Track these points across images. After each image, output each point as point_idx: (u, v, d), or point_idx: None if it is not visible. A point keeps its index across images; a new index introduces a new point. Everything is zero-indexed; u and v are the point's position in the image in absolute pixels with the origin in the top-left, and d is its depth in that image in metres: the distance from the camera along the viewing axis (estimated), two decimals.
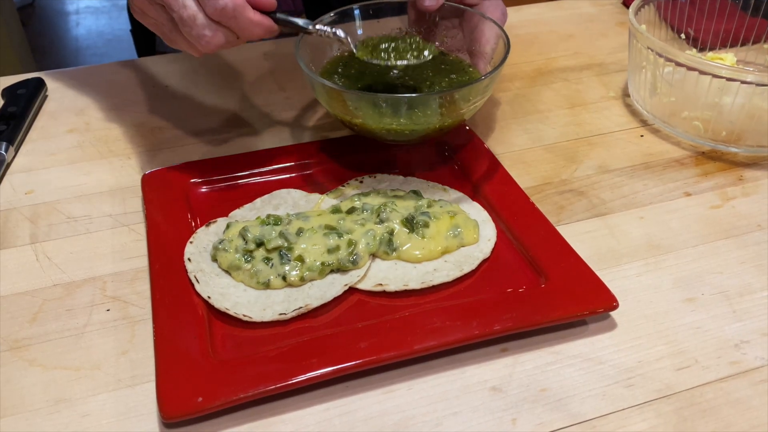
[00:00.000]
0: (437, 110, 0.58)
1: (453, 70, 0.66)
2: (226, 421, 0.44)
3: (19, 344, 0.49)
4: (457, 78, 0.65)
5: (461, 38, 0.68)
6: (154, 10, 0.54)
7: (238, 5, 0.51)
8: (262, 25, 0.54)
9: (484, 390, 0.46)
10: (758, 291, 0.53)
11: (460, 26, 0.68)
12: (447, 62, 0.67)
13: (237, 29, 0.53)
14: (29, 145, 0.70)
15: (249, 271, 0.52)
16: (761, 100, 0.64)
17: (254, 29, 0.53)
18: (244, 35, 0.54)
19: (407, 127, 0.58)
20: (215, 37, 0.53)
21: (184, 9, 0.51)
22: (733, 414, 0.44)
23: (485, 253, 0.55)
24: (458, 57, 0.68)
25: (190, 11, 0.51)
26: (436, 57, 0.63)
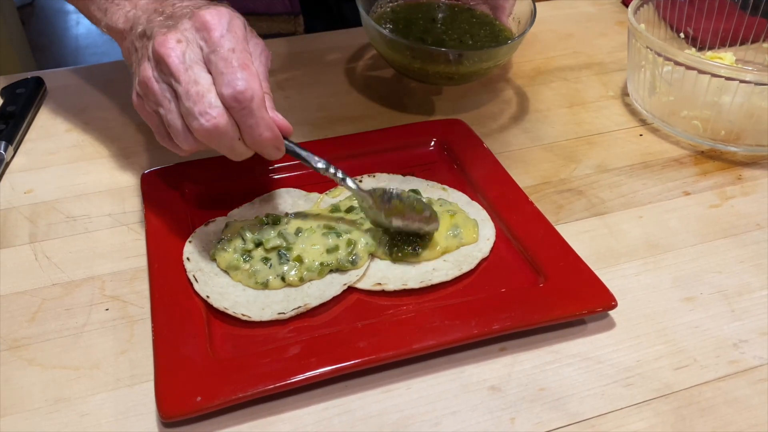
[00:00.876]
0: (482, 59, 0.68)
1: (484, 23, 0.75)
2: (225, 421, 0.44)
3: (18, 343, 0.49)
4: (490, 30, 0.74)
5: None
6: (159, 90, 0.48)
7: (258, 97, 0.46)
8: (273, 131, 0.48)
9: (482, 389, 0.46)
10: (757, 290, 0.53)
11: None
12: (476, 16, 0.76)
13: (247, 124, 0.47)
14: (28, 144, 0.70)
15: (247, 271, 0.52)
16: (760, 99, 0.64)
17: (265, 132, 0.48)
18: (251, 134, 0.48)
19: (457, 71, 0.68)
20: (219, 119, 0.46)
21: (194, 84, 0.46)
22: (732, 413, 0.44)
23: (484, 253, 0.55)
24: (483, 11, 0.76)
25: (201, 88, 0.46)
26: (465, 11, 0.76)
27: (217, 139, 0.48)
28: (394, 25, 0.74)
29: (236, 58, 0.47)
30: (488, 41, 0.73)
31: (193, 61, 0.47)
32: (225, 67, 0.46)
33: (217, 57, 0.47)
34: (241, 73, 0.46)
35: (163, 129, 0.51)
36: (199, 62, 0.47)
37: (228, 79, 0.46)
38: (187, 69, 0.47)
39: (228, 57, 0.47)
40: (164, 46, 0.47)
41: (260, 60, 0.51)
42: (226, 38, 0.47)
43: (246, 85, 0.46)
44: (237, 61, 0.47)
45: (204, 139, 0.48)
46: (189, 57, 0.47)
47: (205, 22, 0.47)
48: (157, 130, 0.52)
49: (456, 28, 0.74)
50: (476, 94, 0.78)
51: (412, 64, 0.69)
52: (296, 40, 0.89)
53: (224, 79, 0.46)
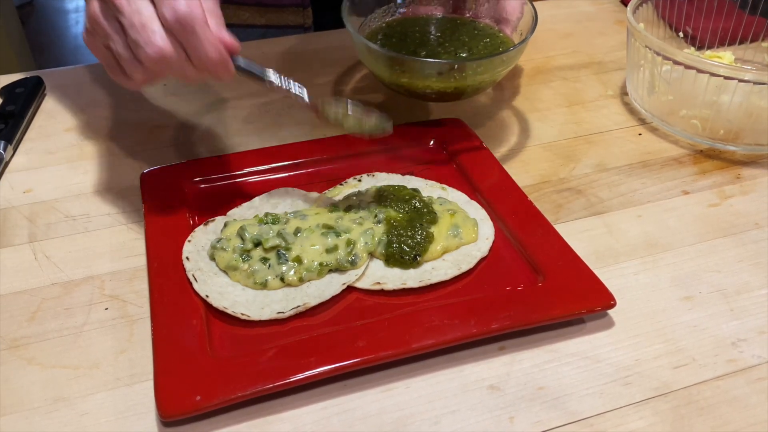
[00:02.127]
0: (476, 72, 0.64)
1: (485, 35, 0.71)
2: (224, 420, 0.44)
3: (18, 343, 0.49)
4: (491, 42, 0.70)
5: (488, 7, 0.73)
6: (107, 23, 0.49)
7: (199, 16, 0.47)
8: (219, 50, 0.49)
9: (482, 388, 0.46)
10: (756, 289, 0.53)
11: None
12: (478, 28, 0.72)
13: (191, 45, 0.48)
14: (28, 143, 0.70)
15: (246, 271, 0.52)
16: (759, 98, 0.64)
17: (210, 51, 0.48)
18: (197, 55, 0.48)
19: (450, 85, 0.64)
20: (164, 46, 0.47)
21: (137, 14, 0.47)
22: (731, 412, 0.44)
23: (483, 252, 0.55)
24: (488, 24, 0.73)
25: (144, 17, 0.47)
26: (467, 24, 0.73)
27: (165, 65, 0.49)
28: (386, 39, 0.70)
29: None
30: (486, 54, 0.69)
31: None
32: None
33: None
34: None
35: (114, 62, 0.51)
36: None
37: (168, 2, 0.47)
38: (130, 1, 0.47)
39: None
40: None
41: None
42: None
43: (186, 8, 0.47)
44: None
45: (153, 67, 0.49)
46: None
47: None
48: (107, 64, 0.52)
49: (454, 41, 0.71)
50: None
51: (399, 79, 0.65)
52: (300, 38, 0.89)
53: (164, 3, 0.47)
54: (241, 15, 0.91)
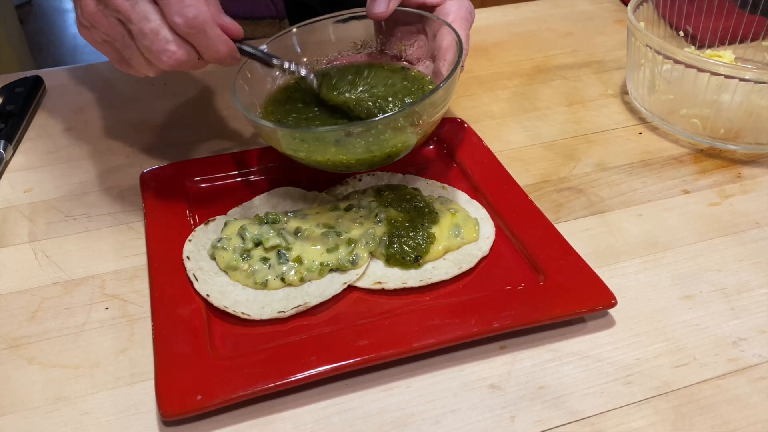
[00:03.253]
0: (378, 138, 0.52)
1: (411, 90, 0.59)
2: (225, 419, 0.44)
3: (18, 342, 0.49)
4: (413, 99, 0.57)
5: (425, 44, 0.62)
6: (109, 24, 0.49)
7: (208, 18, 0.48)
8: (228, 44, 0.50)
9: (482, 387, 0.46)
10: (756, 288, 0.53)
11: (423, 31, 0.62)
12: (408, 78, 0.61)
13: (203, 46, 0.49)
14: (27, 143, 0.70)
15: (246, 271, 0.52)
16: (759, 97, 0.64)
17: (220, 47, 0.50)
18: (209, 53, 0.50)
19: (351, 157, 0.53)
20: (178, 52, 0.49)
21: (146, 21, 0.48)
22: (731, 411, 0.44)
23: (484, 251, 0.55)
24: (420, 73, 0.61)
25: (153, 24, 0.48)
26: (398, 71, 0.61)
27: (180, 66, 0.50)
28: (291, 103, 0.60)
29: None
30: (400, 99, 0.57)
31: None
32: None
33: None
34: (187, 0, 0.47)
35: (119, 56, 0.52)
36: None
37: (176, 7, 0.47)
38: (134, 5, 0.48)
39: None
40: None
41: None
42: None
43: (195, 11, 0.47)
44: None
45: (168, 69, 0.51)
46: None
47: None
48: (112, 58, 0.53)
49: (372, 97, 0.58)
50: (475, 93, 0.78)
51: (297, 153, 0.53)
52: None
53: (172, 9, 0.47)
54: None
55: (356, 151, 0.52)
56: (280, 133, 0.53)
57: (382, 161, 0.55)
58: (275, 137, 0.54)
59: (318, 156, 0.53)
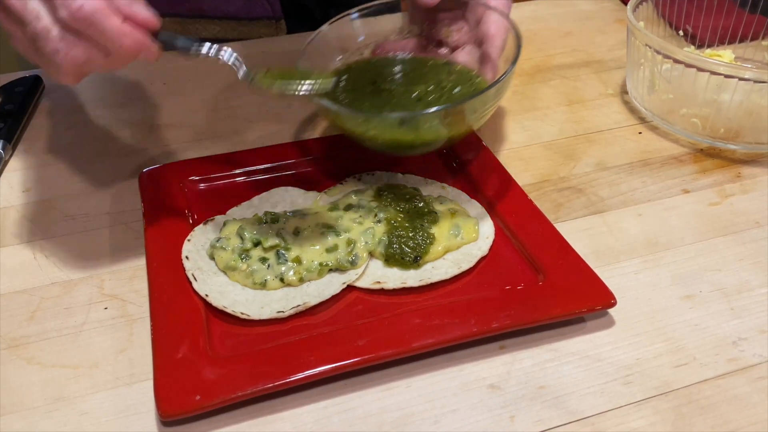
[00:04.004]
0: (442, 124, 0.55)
1: (459, 82, 0.62)
2: (224, 419, 0.44)
3: (17, 342, 0.49)
4: (462, 91, 0.60)
5: (467, 30, 0.63)
6: (16, 28, 0.46)
7: (98, 8, 0.43)
8: (131, 36, 0.45)
9: (482, 387, 0.46)
10: (756, 288, 0.53)
11: (464, 17, 0.63)
12: (453, 72, 0.63)
13: (100, 40, 0.44)
14: (27, 143, 0.70)
15: (245, 271, 0.52)
16: (759, 97, 0.64)
17: (122, 40, 0.44)
18: (111, 48, 0.45)
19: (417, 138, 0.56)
20: (72, 51, 0.44)
21: (37, 21, 0.43)
22: (731, 411, 0.44)
23: (483, 251, 0.54)
24: (465, 67, 0.63)
25: (44, 22, 0.43)
26: (442, 66, 0.63)
27: (84, 66, 0.46)
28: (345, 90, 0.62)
29: None
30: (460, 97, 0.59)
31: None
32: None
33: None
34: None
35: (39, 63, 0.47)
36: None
37: (60, 1, 0.43)
38: (26, 5, 0.44)
39: None
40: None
41: None
42: None
43: (80, 2, 0.42)
44: None
45: (75, 72, 0.46)
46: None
47: None
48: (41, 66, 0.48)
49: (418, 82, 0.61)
50: None
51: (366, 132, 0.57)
52: (293, 38, 0.89)
53: (57, 3, 0.43)
54: (211, 29, 0.89)
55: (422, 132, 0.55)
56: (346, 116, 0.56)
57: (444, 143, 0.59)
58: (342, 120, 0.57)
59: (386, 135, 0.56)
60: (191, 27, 0.88)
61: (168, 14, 0.88)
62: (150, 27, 0.47)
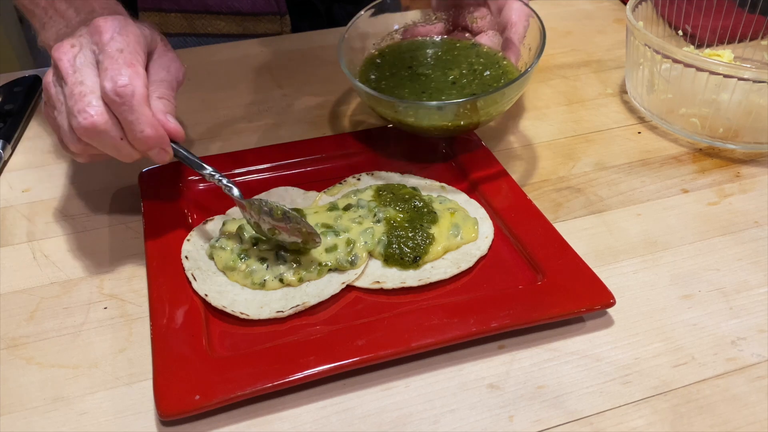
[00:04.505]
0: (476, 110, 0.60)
1: (487, 65, 0.66)
2: (223, 419, 0.44)
3: (17, 342, 0.49)
4: (492, 74, 0.65)
5: (491, 18, 0.67)
6: (54, 91, 0.50)
7: (139, 94, 0.47)
8: (156, 129, 0.48)
9: (481, 387, 0.46)
10: (755, 288, 0.53)
11: (486, 4, 0.67)
12: (481, 54, 0.67)
13: (127, 120, 0.47)
14: (26, 142, 0.70)
15: (244, 272, 0.52)
16: (759, 96, 0.64)
17: (146, 129, 0.48)
18: (133, 132, 0.48)
19: (453, 123, 0.61)
20: (97, 117, 0.47)
21: (79, 85, 0.47)
22: (730, 410, 0.44)
23: (483, 251, 0.55)
24: (491, 49, 0.67)
25: (84, 88, 0.47)
26: (470, 48, 0.67)
27: (97, 137, 0.48)
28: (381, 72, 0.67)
29: (123, 58, 0.48)
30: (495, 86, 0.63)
31: (84, 64, 0.49)
32: (110, 65, 0.47)
33: (104, 56, 0.48)
34: (125, 69, 0.47)
35: (56, 125, 0.51)
36: (90, 65, 0.49)
37: (110, 74, 0.47)
38: (75, 71, 0.48)
39: (114, 56, 0.48)
40: (58, 50, 0.49)
41: (168, 71, 0.52)
42: (115, 40, 0.48)
43: (127, 81, 0.47)
44: (123, 59, 0.48)
45: (85, 138, 0.48)
46: (80, 60, 0.49)
47: (98, 26, 0.49)
48: (57, 135, 0.52)
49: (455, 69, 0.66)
50: None
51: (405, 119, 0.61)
52: (294, 37, 0.89)
53: (107, 75, 0.47)
54: (216, 24, 0.90)
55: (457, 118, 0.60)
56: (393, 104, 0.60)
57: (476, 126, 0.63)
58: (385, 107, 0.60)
59: (424, 122, 0.60)
60: (197, 22, 0.89)
61: (174, 10, 0.88)
62: (176, 138, 0.51)
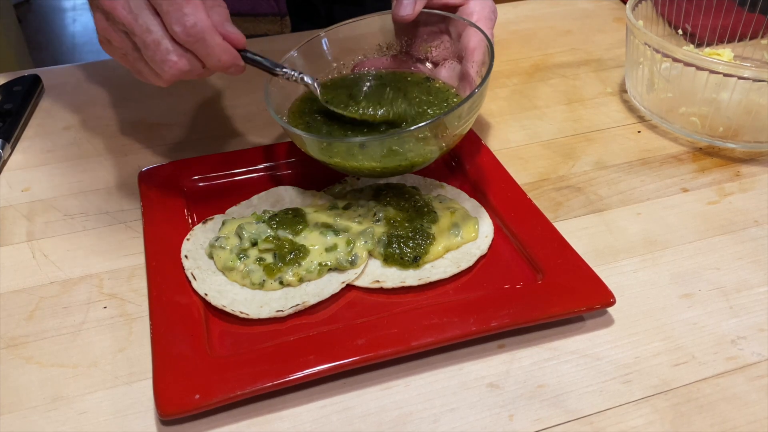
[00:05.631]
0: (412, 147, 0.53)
1: (434, 103, 0.59)
2: (223, 418, 0.44)
3: (16, 342, 0.49)
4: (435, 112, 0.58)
5: (450, 45, 0.62)
6: (119, 38, 0.51)
7: (207, 27, 0.48)
8: (230, 52, 0.51)
9: (481, 386, 0.46)
10: (755, 287, 0.53)
11: (447, 32, 0.62)
12: (432, 91, 0.61)
13: (204, 54, 0.50)
14: (26, 142, 0.70)
15: (243, 271, 0.52)
16: (758, 95, 0.64)
17: (222, 56, 0.50)
18: (211, 62, 0.50)
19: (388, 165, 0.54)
20: (180, 62, 0.49)
21: (148, 33, 0.49)
22: (730, 409, 0.44)
23: (482, 250, 0.54)
24: (444, 85, 0.61)
25: (155, 35, 0.49)
26: (422, 83, 0.61)
27: (183, 76, 0.51)
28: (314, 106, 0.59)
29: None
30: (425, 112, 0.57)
31: (139, 7, 0.48)
32: (169, 6, 0.48)
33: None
34: (187, 7, 0.48)
35: (134, 68, 0.53)
36: (145, 7, 0.49)
37: (175, 17, 0.48)
38: (137, 18, 0.49)
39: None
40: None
41: None
42: None
43: (194, 20, 0.48)
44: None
45: (172, 80, 0.51)
46: (134, 4, 0.49)
47: None
48: (132, 70, 0.54)
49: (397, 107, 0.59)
50: None
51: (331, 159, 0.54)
52: (294, 37, 0.89)
53: (171, 18, 0.48)
54: None
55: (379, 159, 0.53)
56: (308, 141, 0.54)
57: (406, 169, 0.55)
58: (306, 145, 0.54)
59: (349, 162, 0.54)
60: None
61: None
62: (239, 45, 0.52)
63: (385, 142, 0.53)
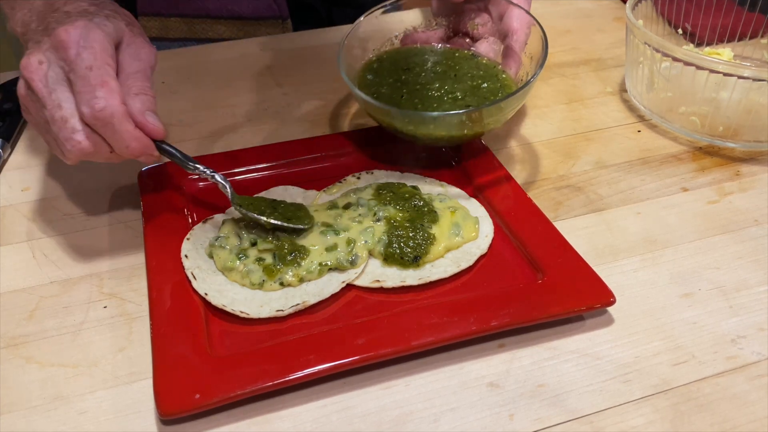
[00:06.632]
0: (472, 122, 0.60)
1: (486, 78, 0.64)
2: (223, 418, 0.44)
3: (16, 341, 0.49)
4: (489, 87, 0.63)
5: (491, 25, 0.66)
6: (34, 108, 0.50)
7: (117, 113, 0.47)
8: (141, 141, 0.50)
9: (481, 386, 0.46)
10: (755, 286, 0.53)
11: (487, 10, 0.66)
12: (480, 66, 0.65)
13: (111, 139, 0.49)
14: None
15: (242, 272, 0.52)
16: (758, 95, 0.64)
17: (131, 143, 0.49)
18: (118, 147, 0.49)
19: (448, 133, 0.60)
20: (83, 143, 0.48)
21: (58, 109, 0.48)
22: (730, 409, 0.44)
23: (482, 250, 0.54)
24: (490, 61, 0.65)
25: (64, 113, 0.48)
26: (469, 59, 0.66)
27: (87, 157, 0.50)
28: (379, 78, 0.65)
29: (93, 76, 0.47)
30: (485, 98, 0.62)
31: (56, 81, 0.48)
32: (83, 86, 0.47)
33: (75, 76, 0.47)
34: (99, 90, 0.47)
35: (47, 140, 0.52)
36: (63, 82, 0.48)
37: (86, 98, 0.47)
38: (51, 93, 0.48)
39: (85, 75, 0.47)
40: (28, 69, 0.49)
41: (139, 59, 0.51)
42: (82, 56, 0.47)
43: (104, 104, 0.47)
44: (95, 78, 0.47)
45: (77, 159, 0.50)
46: (52, 78, 0.48)
47: (61, 41, 0.48)
48: (45, 141, 0.53)
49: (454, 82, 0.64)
50: None
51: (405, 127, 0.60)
52: (294, 36, 0.89)
53: (82, 99, 0.47)
54: (216, 29, 0.90)
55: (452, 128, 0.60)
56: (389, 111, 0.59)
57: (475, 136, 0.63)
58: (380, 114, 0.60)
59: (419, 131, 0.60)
60: (197, 27, 0.89)
61: (174, 14, 0.88)
62: (156, 136, 0.51)
63: (463, 115, 0.59)
